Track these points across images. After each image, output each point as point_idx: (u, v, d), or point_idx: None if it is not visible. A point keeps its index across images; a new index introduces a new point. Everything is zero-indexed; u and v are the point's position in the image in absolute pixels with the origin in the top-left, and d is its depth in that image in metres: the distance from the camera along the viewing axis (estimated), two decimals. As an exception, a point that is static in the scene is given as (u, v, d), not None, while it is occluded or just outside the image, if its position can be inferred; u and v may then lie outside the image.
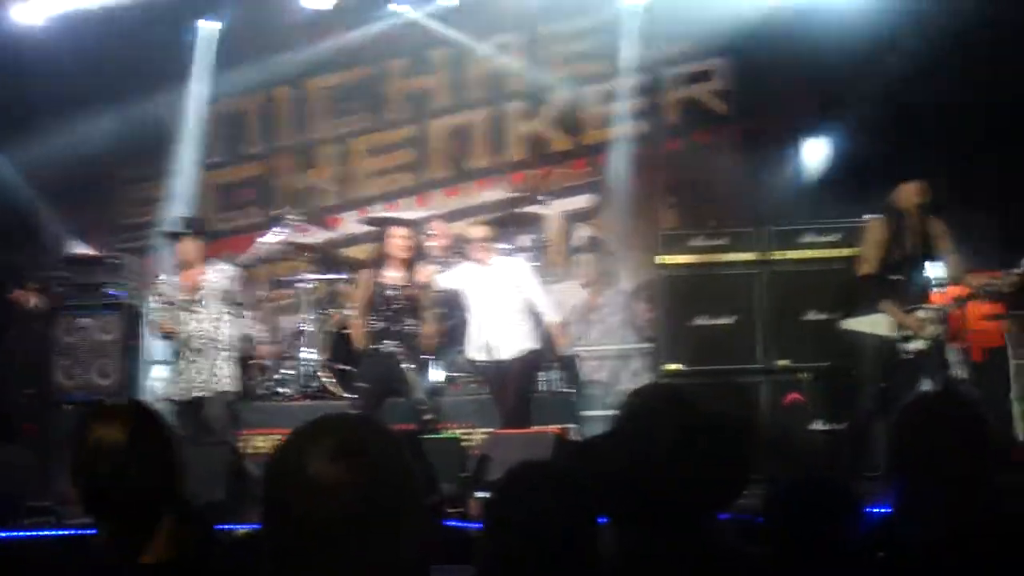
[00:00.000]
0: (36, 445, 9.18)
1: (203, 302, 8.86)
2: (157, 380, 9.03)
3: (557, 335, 9.43)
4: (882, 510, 5.72)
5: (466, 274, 9.46)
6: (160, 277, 9.13)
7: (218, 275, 8.98)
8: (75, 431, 2.87)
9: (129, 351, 10.12)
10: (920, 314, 8.04)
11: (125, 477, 2.78)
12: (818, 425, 9.14)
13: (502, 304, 9.27)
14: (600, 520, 2.83)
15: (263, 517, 1.99)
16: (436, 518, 3.25)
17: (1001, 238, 8.98)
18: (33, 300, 9.00)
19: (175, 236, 9.14)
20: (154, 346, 9.27)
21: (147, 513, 2.80)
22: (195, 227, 9.27)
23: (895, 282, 8.10)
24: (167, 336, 9.01)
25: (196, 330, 8.85)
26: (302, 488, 1.92)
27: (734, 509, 2.71)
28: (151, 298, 8.91)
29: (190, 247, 8.96)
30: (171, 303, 8.88)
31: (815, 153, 11.59)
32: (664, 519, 2.55)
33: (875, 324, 8.12)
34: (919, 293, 8.13)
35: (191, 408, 8.84)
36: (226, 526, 7.30)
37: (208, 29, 12.64)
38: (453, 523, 6.71)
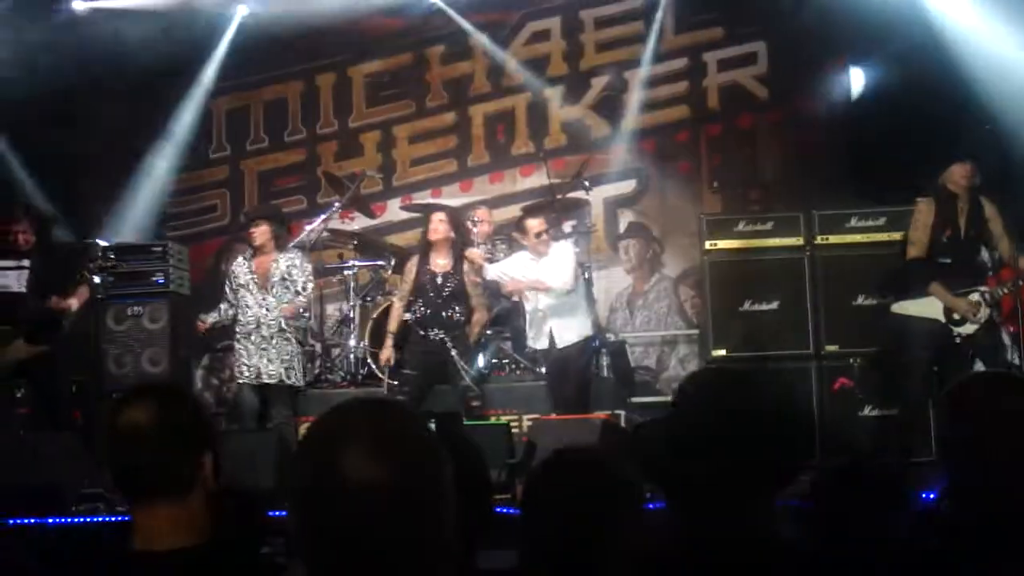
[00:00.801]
0: (84, 433, 9.26)
1: (273, 289, 8.94)
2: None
3: (518, 283, 9.32)
4: (934, 496, 5.73)
5: (520, 263, 9.43)
6: (237, 260, 9.20)
7: (287, 262, 9.06)
8: (108, 415, 2.89)
9: (178, 339, 10.17)
10: (972, 297, 7.99)
11: (154, 458, 2.79)
12: (869, 411, 9.13)
13: (559, 292, 9.22)
14: (649, 506, 2.83)
15: (292, 510, 1.99)
16: (484, 504, 3.24)
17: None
18: (72, 302, 9.04)
19: (251, 222, 9.21)
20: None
21: (180, 494, 2.81)
22: (269, 213, 9.37)
23: (945, 265, 8.05)
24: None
25: (265, 317, 8.91)
26: (333, 486, 1.91)
27: (785, 495, 2.72)
28: (223, 280, 8.98)
29: (264, 233, 9.04)
30: (242, 286, 8.97)
31: (858, 134, 11.47)
32: (719, 504, 2.56)
33: (926, 308, 8.08)
34: (970, 276, 8.07)
35: (256, 393, 8.91)
36: (275, 512, 7.37)
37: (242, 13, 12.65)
38: (500, 509, 6.75)
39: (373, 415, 2.02)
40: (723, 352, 9.49)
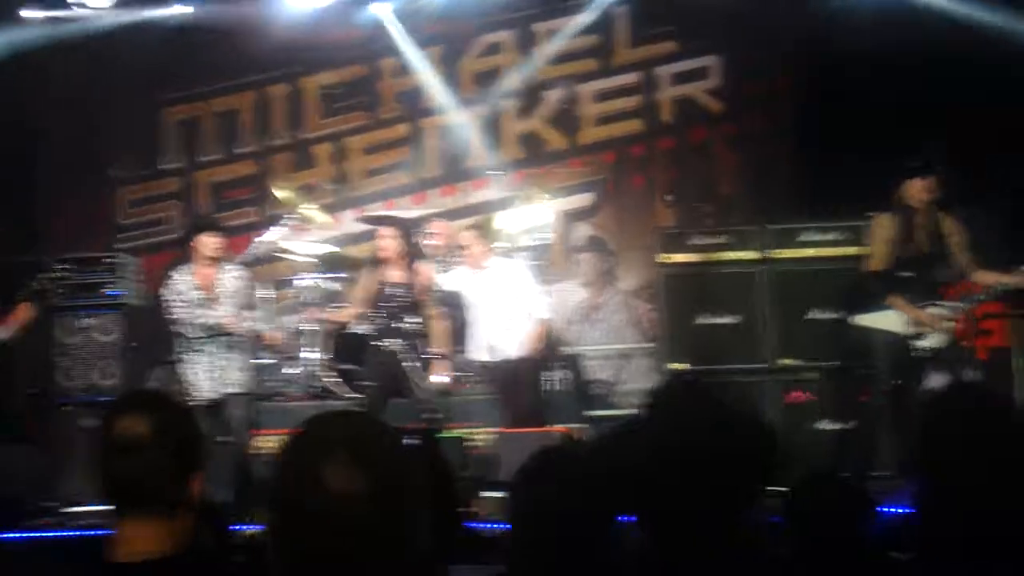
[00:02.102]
0: (38, 446, 9.16)
1: (223, 300, 8.83)
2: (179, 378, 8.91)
3: (535, 335, 9.40)
4: (893, 509, 5.77)
5: (464, 276, 9.49)
6: (173, 275, 9.01)
7: (230, 275, 8.95)
8: (102, 423, 2.83)
9: (130, 352, 10.06)
10: (933, 310, 8.06)
11: (153, 472, 2.75)
12: (825, 424, 9.18)
13: (501, 304, 9.30)
14: (621, 518, 2.83)
15: (272, 522, 1.99)
16: (456, 520, 3.25)
17: (1007, 236, 8.99)
18: (21, 317, 8.94)
19: (198, 232, 9.06)
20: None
21: (171, 510, 2.78)
22: (217, 225, 9.27)
23: (905, 279, 8.11)
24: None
25: (213, 328, 8.79)
26: (315, 497, 1.93)
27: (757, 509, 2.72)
28: (170, 296, 8.82)
29: (214, 243, 8.90)
30: (189, 301, 8.82)
31: (812, 149, 11.55)
32: (691, 518, 2.56)
33: (887, 321, 8.14)
34: (930, 290, 8.14)
35: (213, 407, 8.79)
36: (234, 527, 7.32)
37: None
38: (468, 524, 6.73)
39: (353, 430, 2.03)
40: (680, 365, 9.50)
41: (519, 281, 9.45)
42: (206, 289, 8.81)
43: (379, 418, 2.27)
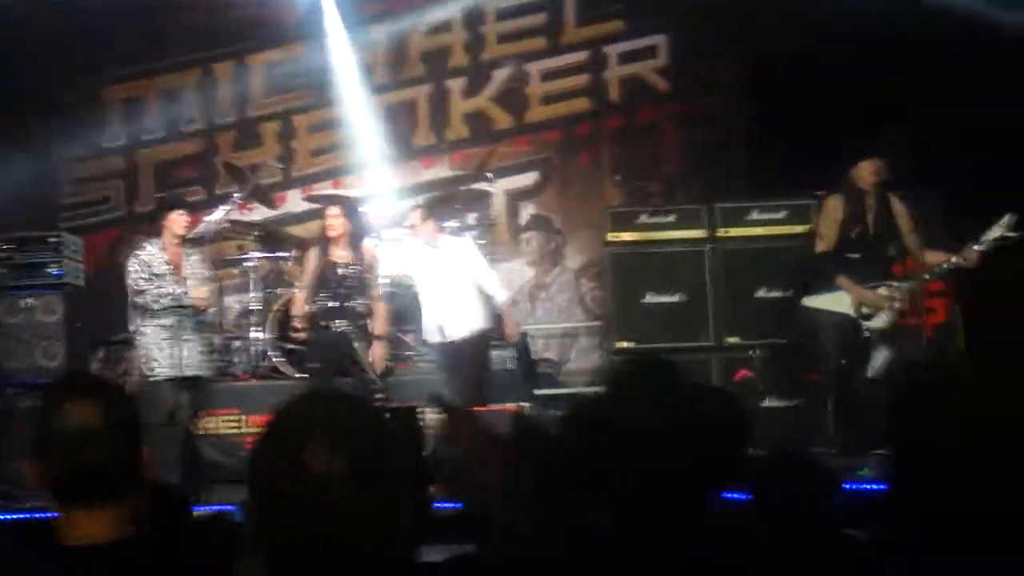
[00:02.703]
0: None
1: (188, 278, 8.76)
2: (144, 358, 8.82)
3: (506, 318, 9.43)
4: (850, 487, 5.81)
5: (412, 255, 9.46)
6: (144, 248, 8.90)
7: (193, 256, 8.90)
8: (42, 409, 2.79)
9: (74, 332, 9.94)
10: (881, 291, 8.13)
11: (96, 457, 2.72)
12: (770, 402, 9.24)
13: (451, 285, 9.28)
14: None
15: (253, 505, 1.97)
16: (428, 499, 3.24)
17: (950, 217, 9.06)
18: None
19: (168, 209, 8.99)
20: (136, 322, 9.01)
21: (113, 493, 2.75)
22: (186, 203, 9.21)
23: (853, 260, 8.17)
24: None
25: (183, 305, 8.71)
26: (297, 481, 1.91)
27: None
28: (138, 269, 8.71)
29: (184, 221, 8.85)
30: (160, 275, 8.73)
31: (760, 129, 11.59)
32: (660, 496, 2.55)
33: (834, 302, 8.20)
34: (878, 271, 8.21)
35: (171, 389, 8.69)
36: (184, 508, 7.27)
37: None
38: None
39: (334, 411, 2.01)
40: (625, 344, 9.53)
41: (469, 261, 9.44)
42: (176, 267, 8.75)
43: (355, 397, 2.25)
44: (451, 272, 9.30)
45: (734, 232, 9.65)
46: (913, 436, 3.02)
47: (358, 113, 12.62)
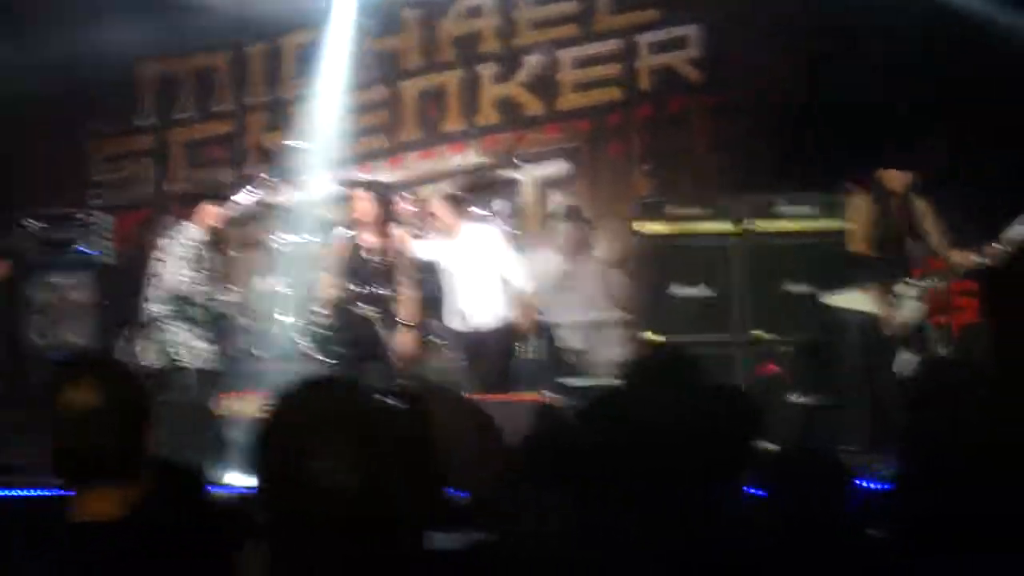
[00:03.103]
0: (5, 403, 9.12)
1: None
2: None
3: (524, 308, 9.42)
4: (864, 485, 5.80)
5: (437, 244, 9.46)
6: (190, 231, 8.96)
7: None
8: (48, 391, 2.81)
9: (103, 310, 10.00)
10: (903, 291, 8.12)
11: (105, 441, 2.73)
12: (795, 397, 9.22)
13: (474, 272, 9.27)
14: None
15: (261, 493, 1.98)
16: (440, 485, 3.23)
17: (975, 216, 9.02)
18: None
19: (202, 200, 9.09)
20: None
21: (128, 477, 2.76)
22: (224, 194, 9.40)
23: (879, 260, 8.17)
24: None
25: (201, 293, 8.78)
26: (305, 474, 1.92)
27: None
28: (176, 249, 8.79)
29: (217, 214, 8.96)
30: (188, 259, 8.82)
31: (791, 123, 11.53)
32: (671, 490, 2.55)
33: (856, 300, 8.20)
34: (902, 270, 8.21)
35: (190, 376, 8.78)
36: (203, 488, 7.30)
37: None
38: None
39: (340, 402, 2.01)
40: (652, 335, 9.52)
41: (494, 248, 9.43)
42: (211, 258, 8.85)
43: (363, 384, 2.24)
44: (474, 259, 9.29)
45: (763, 225, 9.63)
46: (935, 433, 3.02)
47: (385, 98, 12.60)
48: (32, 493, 7.59)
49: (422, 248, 9.53)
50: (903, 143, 8.37)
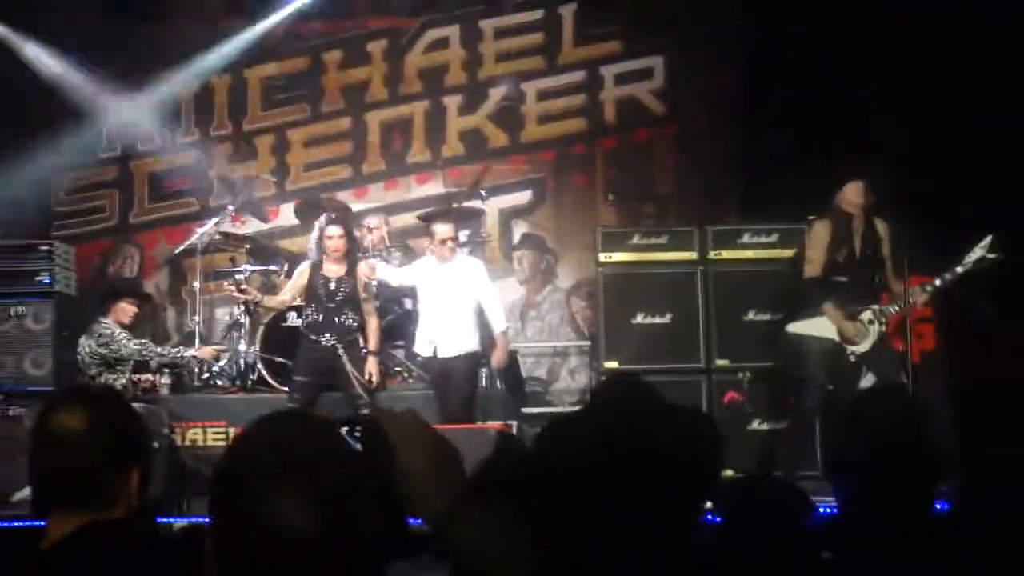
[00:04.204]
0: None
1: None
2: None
3: (500, 346, 9.40)
4: (827, 510, 5.80)
5: (424, 268, 9.42)
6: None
7: None
8: (36, 419, 2.78)
9: (63, 341, 9.92)
10: (864, 316, 8.15)
11: (80, 464, 2.70)
12: (757, 424, 9.24)
13: (453, 302, 9.23)
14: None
15: (213, 539, 1.94)
16: (401, 516, 3.19)
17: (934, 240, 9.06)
18: None
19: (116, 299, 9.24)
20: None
21: (102, 507, 2.73)
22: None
23: (840, 284, 8.20)
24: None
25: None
26: (259, 525, 1.87)
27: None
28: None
29: (132, 311, 9.14)
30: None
31: (752, 153, 11.59)
32: (633, 514, 2.53)
33: (820, 327, 8.22)
34: (865, 295, 8.23)
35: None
36: (165, 519, 7.28)
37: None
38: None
39: (299, 446, 1.95)
40: (615, 364, 9.52)
41: (478, 283, 9.39)
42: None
43: (322, 418, 2.17)
44: (458, 290, 9.25)
45: (726, 255, 9.66)
46: (861, 460, 3.03)
47: (350, 129, 12.63)
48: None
49: (395, 275, 9.49)
50: (857, 166, 8.39)
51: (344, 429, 2.66)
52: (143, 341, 9.18)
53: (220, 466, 1.96)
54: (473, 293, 9.30)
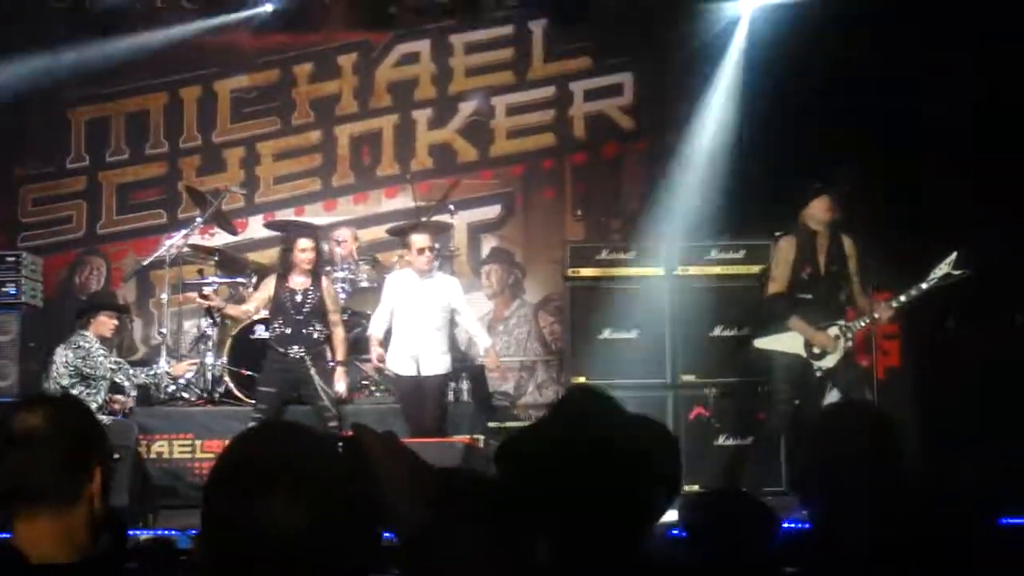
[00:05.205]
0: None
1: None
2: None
3: (492, 361, 9.47)
4: (791, 525, 5.84)
5: (401, 283, 9.40)
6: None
7: None
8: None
9: (28, 352, 9.89)
10: (831, 331, 8.19)
11: (41, 462, 2.72)
12: (723, 440, 9.28)
13: (434, 319, 9.22)
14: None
15: (206, 548, 1.96)
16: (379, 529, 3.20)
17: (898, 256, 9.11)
18: None
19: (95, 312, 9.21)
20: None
21: (62, 505, 2.74)
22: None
23: (805, 301, 8.24)
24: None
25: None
26: (252, 531, 1.90)
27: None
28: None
29: (112, 325, 9.17)
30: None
31: (720, 170, 11.63)
32: (593, 526, 2.54)
33: (786, 343, 8.25)
34: (831, 311, 8.27)
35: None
36: (130, 531, 7.25)
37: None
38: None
39: (291, 456, 1.99)
40: (582, 379, 9.53)
41: (457, 300, 9.39)
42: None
43: (305, 430, 2.20)
44: (438, 307, 9.24)
45: (693, 271, 9.69)
46: (829, 476, 3.05)
47: (320, 142, 12.63)
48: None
49: (382, 320, 9.40)
50: (823, 182, 8.43)
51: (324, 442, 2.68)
52: (119, 361, 9.10)
53: (215, 467, 2.00)
54: (451, 311, 9.32)
